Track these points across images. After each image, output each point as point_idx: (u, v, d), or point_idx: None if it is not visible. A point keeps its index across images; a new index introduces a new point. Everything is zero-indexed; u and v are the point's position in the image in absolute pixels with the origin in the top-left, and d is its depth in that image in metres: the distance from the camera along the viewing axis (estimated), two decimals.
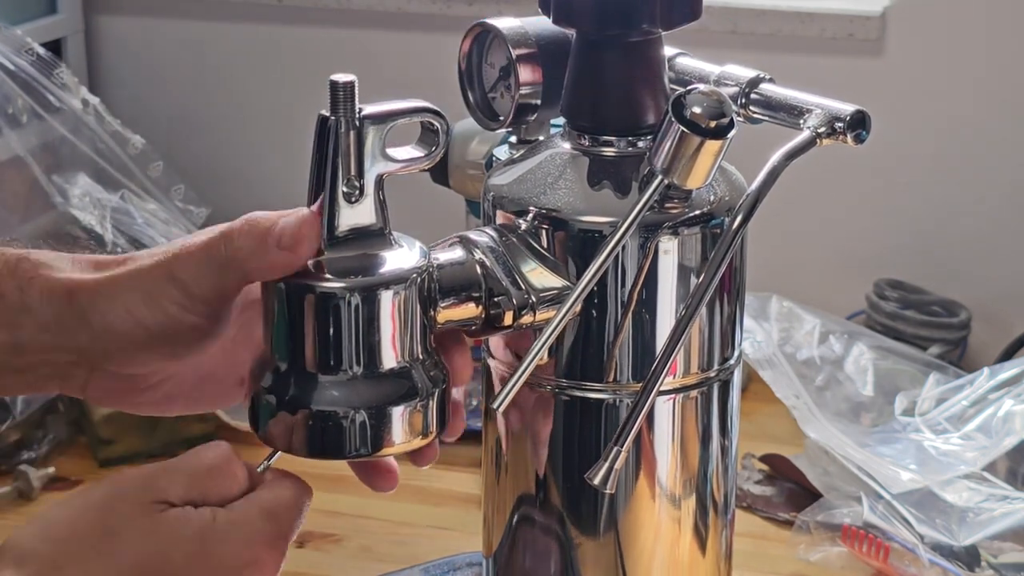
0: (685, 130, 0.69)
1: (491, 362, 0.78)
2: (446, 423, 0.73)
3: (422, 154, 0.72)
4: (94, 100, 1.52)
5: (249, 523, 0.69)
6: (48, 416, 1.41)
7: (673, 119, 0.69)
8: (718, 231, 0.73)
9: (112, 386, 0.76)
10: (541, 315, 0.73)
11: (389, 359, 0.70)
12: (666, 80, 0.75)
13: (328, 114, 0.69)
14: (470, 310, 0.73)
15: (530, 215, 0.74)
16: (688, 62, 0.80)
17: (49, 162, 1.51)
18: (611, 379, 0.74)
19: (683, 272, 0.73)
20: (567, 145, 0.76)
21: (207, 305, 0.72)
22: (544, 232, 0.73)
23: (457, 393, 0.75)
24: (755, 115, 0.76)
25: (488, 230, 0.74)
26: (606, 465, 0.70)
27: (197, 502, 0.69)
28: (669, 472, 0.77)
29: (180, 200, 1.55)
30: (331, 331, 0.69)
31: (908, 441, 1.32)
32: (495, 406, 0.72)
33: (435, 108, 0.72)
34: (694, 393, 0.76)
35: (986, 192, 1.63)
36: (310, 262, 0.70)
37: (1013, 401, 1.31)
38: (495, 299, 0.73)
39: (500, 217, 0.75)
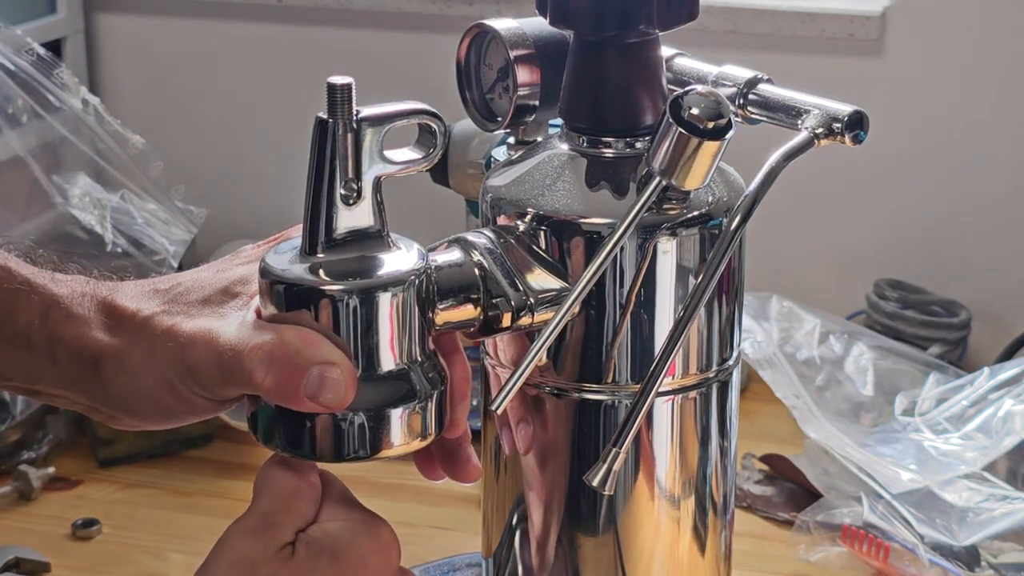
0: (683, 131, 0.69)
1: (490, 363, 0.78)
2: (444, 425, 0.73)
3: (420, 156, 0.72)
4: (94, 100, 1.52)
5: (352, 519, 0.71)
6: (48, 416, 1.41)
7: (671, 120, 0.69)
8: (716, 232, 0.73)
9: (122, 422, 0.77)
10: (539, 316, 0.73)
11: (387, 361, 0.70)
12: (664, 81, 0.75)
13: (326, 116, 0.69)
14: (468, 312, 0.73)
15: (528, 216, 0.74)
16: (686, 63, 0.80)
17: (49, 162, 1.51)
18: (610, 380, 0.74)
19: (681, 273, 0.73)
20: (565, 146, 0.76)
21: (226, 397, 0.73)
22: (542, 233, 0.73)
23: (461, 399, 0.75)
24: (753, 116, 0.76)
25: (486, 231, 0.74)
26: (605, 466, 0.70)
27: (302, 527, 0.70)
28: (668, 473, 0.77)
29: (180, 200, 1.54)
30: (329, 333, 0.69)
31: (908, 441, 1.32)
32: (493, 407, 0.72)
33: (433, 110, 0.72)
34: (693, 394, 0.76)
35: (986, 192, 1.63)
36: (307, 264, 0.70)
37: (1013, 401, 1.31)
38: (493, 301, 0.73)
39: (498, 218, 0.75)
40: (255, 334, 0.69)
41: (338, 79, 0.68)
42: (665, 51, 0.77)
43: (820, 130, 0.71)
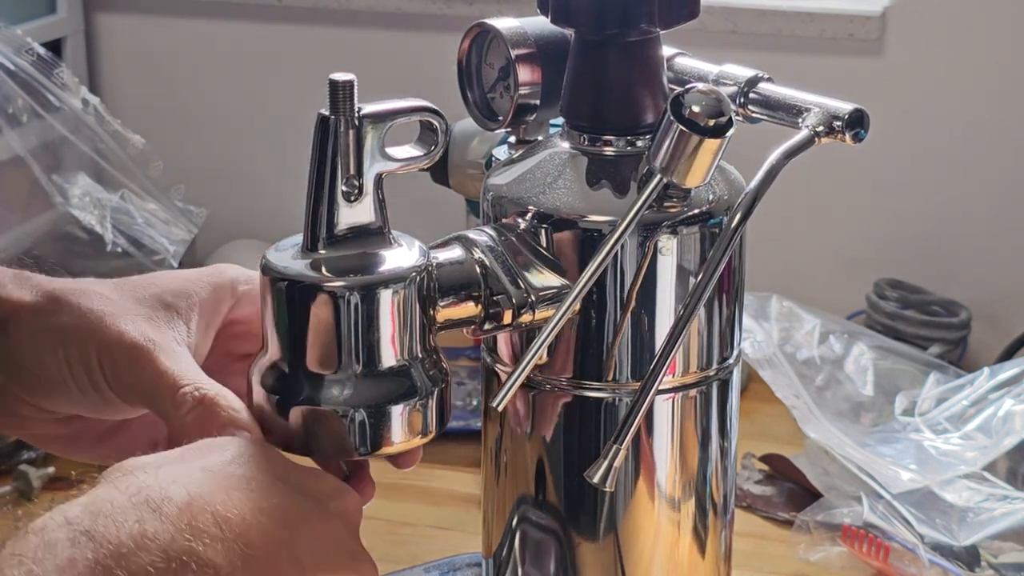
0: (684, 129, 0.69)
1: (490, 361, 0.78)
2: (446, 422, 0.73)
3: (421, 153, 0.72)
4: (94, 100, 1.52)
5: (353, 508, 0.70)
6: None
7: (672, 118, 0.69)
8: (717, 230, 0.73)
9: (15, 410, 0.76)
10: (540, 314, 0.73)
11: (388, 358, 0.70)
12: (665, 79, 0.75)
13: (328, 113, 0.69)
14: (469, 309, 0.73)
15: (529, 214, 0.74)
16: (687, 62, 0.80)
17: (49, 162, 1.51)
18: (610, 378, 0.74)
19: (682, 271, 0.73)
20: (566, 145, 0.76)
21: (131, 403, 0.74)
22: (543, 231, 0.73)
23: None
24: (754, 114, 0.76)
25: (487, 229, 0.74)
26: (605, 463, 0.70)
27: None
28: (668, 471, 0.77)
29: (180, 200, 1.55)
30: (330, 330, 0.69)
31: (908, 441, 1.32)
32: (494, 405, 0.72)
33: (434, 107, 0.72)
34: (693, 392, 0.76)
35: (986, 192, 1.63)
36: (308, 261, 0.70)
37: (1013, 401, 1.31)
38: (494, 298, 0.73)
39: (499, 217, 0.75)
40: (200, 378, 0.72)
41: (340, 76, 0.69)
42: (666, 51, 0.77)
43: (821, 128, 0.71)
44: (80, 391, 0.74)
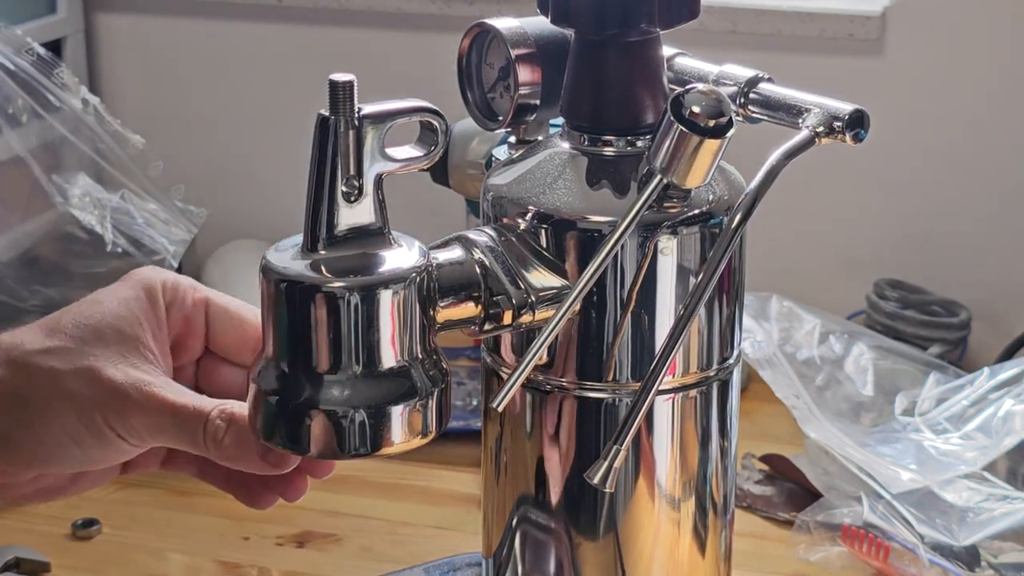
0: (684, 129, 0.69)
1: (490, 361, 0.78)
2: (445, 423, 0.73)
3: (421, 153, 0.72)
4: (94, 100, 1.52)
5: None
6: None
7: (672, 118, 0.69)
8: (717, 230, 0.73)
9: None
10: (540, 314, 0.73)
11: (388, 358, 0.70)
12: (665, 80, 0.75)
13: (327, 113, 0.69)
14: (469, 309, 0.73)
15: (529, 215, 0.74)
16: (687, 62, 0.80)
17: (49, 162, 1.51)
18: (610, 378, 0.74)
19: (682, 271, 0.73)
20: (566, 145, 0.76)
21: (151, 445, 0.74)
22: (543, 231, 0.73)
23: None
24: (754, 114, 0.76)
25: (487, 229, 0.74)
26: (605, 464, 0.70)
27: None
28: (668, 472, 0.77)
29: (180, 200, 1.54)
30: (330, 330, 0.69)
31: (908, 441, 1.32)
32: (494, 405, 0.72)
33: (434, 107, 0.72)
34: (693, 392, 0.76)
35: (986, 192, 1.63)
36: (308, 262, 0.70)
37: (1013, 401, 1.31)
38: (494, 298, 0.73)
39: (499, 217, 0.75)
40: (202, 400, 0.73)
41: (340, 76, 0.69)
42: (666, 51, 0.77)
43: (821, 129, 0.71)
44: (84, 449, 0.73)
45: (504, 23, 0.78)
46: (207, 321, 0.78)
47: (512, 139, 0.82)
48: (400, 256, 0.71)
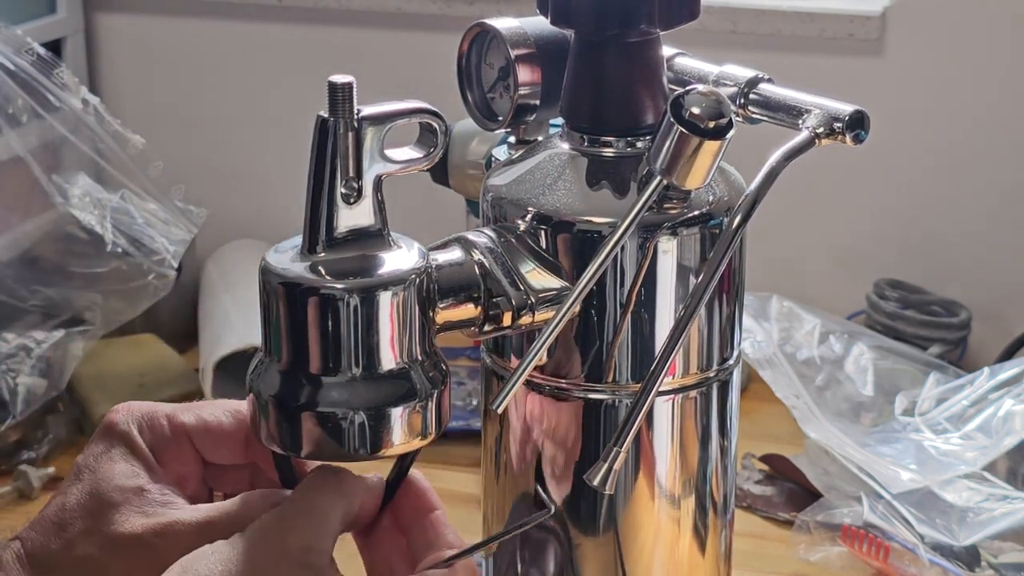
0: (684, 130, 0.69)
1: (490, 362, 0.78)
2: (444, 425, 0.73)
3: (421, 155, 0.72)
4: (94, 100, 1.52)
5: None
6: (48, 416, 1.41)
7: (672, 119, 0.69)
8: (717, 231, 0.73)
9: None
10: (540, 315, 0.73)
11: (388, 360, 0.70)
12: (665, 80, 0.75)
13: (327, 115, 0.69)
14: (469, 311, 0.73)
15: (529, 216, 0.74)
16: (687, 62, 0.80)
17: (49, 162, 1.51)
18: (610, 379, 0.74)
19: (682, 272, 0.73)
20: (566, 145, 0.76)
21: None
22: (543, 232, 0.73)
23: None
24: (754, 115, 0.76)
25: (487, 231, 0.74)
26: (605, 466, 0.70)
27: None
28: (668, 472, 0.77)
29: (180, 200, 1.54)
30: (330, 332, 0.69)
31: (908, 441, 1.32)
32: (494, 406, 0.72)
33: (433, 109, 0.72)
34: (693, 393, 0.76)
35: (986, 192, 1.63)
36: (308, 263, 0.70)
37: (1013, 401, 1.31)
38: (494, 300, 0.73)
39: (499, 218, 0.75)
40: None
41: (339, 78, 0.68)
42: (666, 51, 0.77)
43: (821, 130, 0.71)
44: None
45: (504, 23, 0.78)
46: (192, 443, 0.78)
47: (512, 139, 0.82)
48: (399, 258, 0.71)
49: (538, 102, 0.78)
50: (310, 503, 0.71)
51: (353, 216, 0.70)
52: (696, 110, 0.69)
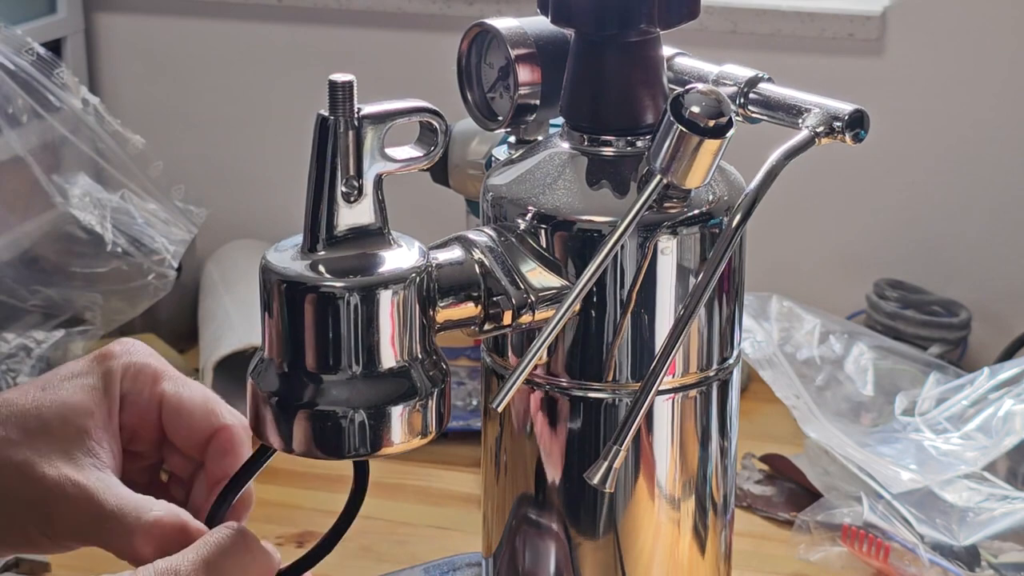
0: (684, 129, 0.69)
1: (490, 361, 0.78)
2: (445, 423, 0.73)
3: (421, 154, 0.72)
4: (94, 100, 1.52)
5: None
6: None
7: (672, 118, 0.69)
8: (717, 230, 0.73)
9: None
10: (540, 315, 0.73)
11: (388, 359, 0.70)
12: (665, 80, 0.75)
13: (327, 114, 0.69)
14: (469, 310, 0.73)
15: (529, 215, 0.74)
16: (687, 62, 0.80)
17: (49, 162, 1.51)
18: (610, 378, 0.74)
19: (682, 271, 0.73)
20: (566, 145, 0.76)
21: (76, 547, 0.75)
22: (543, 232, 0.73)
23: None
24: (754, 114, 0.76)
25: (487, 230, 0.74)
26: (605, 464, 0.70)
27: None
28: (668, 472, 0.77)
29: (180, 200, 1.55)
30: (330, 331, 0.69)
31: (908, 441, 1.32)
32: (494, 405, 0.72)
33: (434, 108, 0.72)
34: (693, 392, 0.76)
35: (986, 192, 1.63)
36: (308, 262, 0.70)
37: (1013, 401, 1.31)
38: (494, 299, 0.73)
39: (499, 217, 0.75)
40: (141, 504, 0.72)
41: (339, 76, 0.69)
42: (666, 50, 0.77)
43: (821, 129, 0.71)
44: (16, 545, 0.74)
45: (504, 23, 0.78)
46: (160, 416, 0.78)
47: (512, 139, 0.82)
48: (400, 256, 0.71)
49: (538, 102, 0.78)
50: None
51: (353, 215, 0.70)
52: (696, 109, 0.69)
